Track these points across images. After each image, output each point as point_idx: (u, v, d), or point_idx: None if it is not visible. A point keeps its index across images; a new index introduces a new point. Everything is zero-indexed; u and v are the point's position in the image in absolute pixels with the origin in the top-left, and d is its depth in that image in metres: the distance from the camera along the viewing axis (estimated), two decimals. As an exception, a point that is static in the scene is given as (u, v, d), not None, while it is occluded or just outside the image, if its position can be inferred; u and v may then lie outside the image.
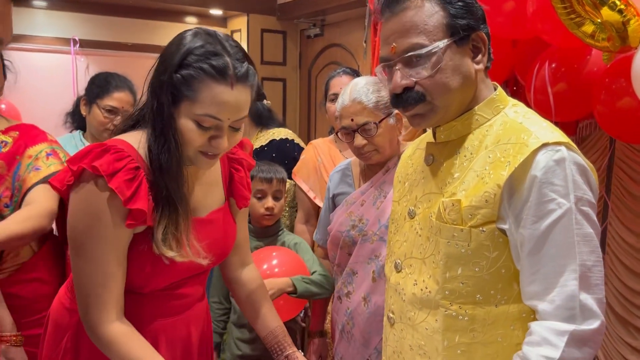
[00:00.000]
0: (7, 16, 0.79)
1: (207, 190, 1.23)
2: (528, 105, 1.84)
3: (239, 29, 4.59)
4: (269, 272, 1.75)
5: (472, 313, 1.04)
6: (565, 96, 1.71)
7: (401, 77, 1.06)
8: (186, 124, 1.07)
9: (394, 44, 1.07)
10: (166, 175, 1.08)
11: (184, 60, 1.05)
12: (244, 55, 1.10)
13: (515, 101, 1.16)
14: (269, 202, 1.90)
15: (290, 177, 2.37)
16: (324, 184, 2.26)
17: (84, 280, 1.08)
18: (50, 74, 4.25)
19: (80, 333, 1.17)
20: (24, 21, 4.15)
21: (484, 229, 1.02)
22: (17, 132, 1.60)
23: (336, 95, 2.24)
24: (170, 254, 1.08)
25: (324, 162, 2.31)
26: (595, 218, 1.00)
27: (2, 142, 1.70)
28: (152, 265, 1.11)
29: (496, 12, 1.82)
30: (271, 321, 1.35)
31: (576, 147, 1.04)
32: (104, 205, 1.04)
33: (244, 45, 4.54)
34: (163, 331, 1.19)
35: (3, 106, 3.82)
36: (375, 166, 1.74)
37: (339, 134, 1.74)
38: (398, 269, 1.18)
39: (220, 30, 1.16)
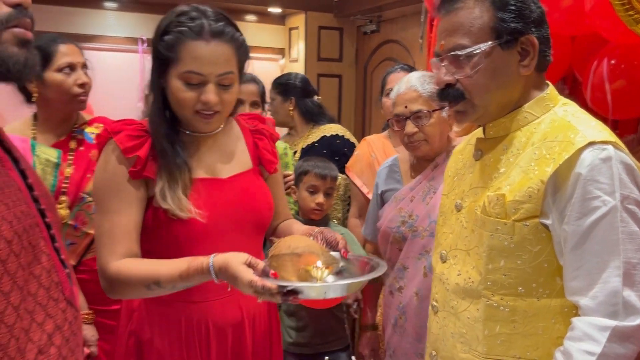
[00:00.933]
0: None
1: (228, 156, 1.33)
2: (585, 102, 1.83)
3: (297, 27, 4.68)
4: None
5: (514, 305, 1.07)
6: (624, 93, 1.68)
7: (445, 74, 1.12)
8: (175, 85, 1.20)
9: (442, 41, 1.13)
10: (159, 138, 1.22)
11: (166, 29, 1.20)
12: (224, 18, 1.23)
13: (566, 100, 1.17)
14: (320, 198, 1.97)
15: (342, 172, 2.43)
16: (378, 179, 2.32)
17: (97, 231, 1.23)
18: (119, 72, 4.49)
19: (145, 313, 1.28)
20: (95, 22, 4.41)
21: (527, 223, 1.05)
22: (102, 124, 1.72)
23: (392, 90, 2.29)
24: (166, 206, 1.19)
25: (377, 157, 2.35)
26: None
27: (91, 133, 1.87)
28: (175, 231, 1.20)
29: (553, 8, 1.80)
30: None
31: (624, 147, 1.05)
32: (114, 162, 1.21)
33: (301, 42, 4.64)
34: (210, 313, 1.26)
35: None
36: (424, 162, 1.77)
37: (390, 121, 1.80)
38: (443, 259, 1.22)
39: (278, 28, 1.27)
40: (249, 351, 1.31)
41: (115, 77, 4.49)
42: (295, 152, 2.56)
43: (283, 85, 2.64)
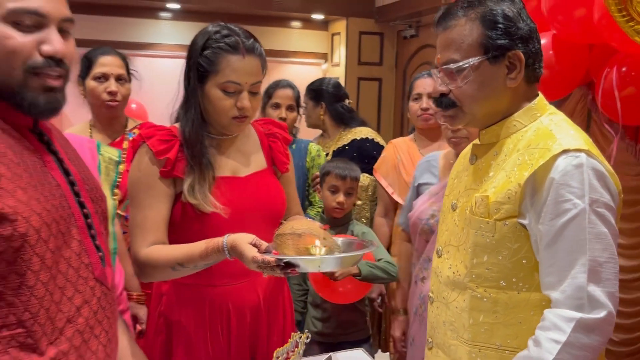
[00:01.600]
0: None
1: (245, 157, 1.50)
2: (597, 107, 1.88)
3: (339, 32, 4.83)
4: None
5: (496, 297, 1.17)
6: (634, 100, 1.72)
7: (440, 84, 1.25)
8: (215, 94, 1.37)
9: (439, 55, 1.25)
10: (189, 142, 1.39)
11: (205, 44, 1.37)
12: (250, 35, 1.42)
13: (554, 110, 1.26)
14: (341, 197, 2.10)
15: (370, 174, 2.56)
16: (402, 181, 2.43)
17: (131, 223, 1.40)
18: (173, 78, 4.75)
19: (174, 296, 1.45)
20: (151, 31, 4.71)
21: (507, 223, 1.15)
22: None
23: (419, 95, 2.39)
24: (193, 201, 1.36)
25: (402, 160, 2.46)
26: (612, 220, 1.09)
27: None
28: (200, 223, 1.37)
29: (569, 19, 1.87)
30: None
31: (598, 155, 1.13)
32: (146, 163, 1.38)
33: (343, 47, 4.78)
34: (231, 297, 1.43)
35: (134, 106, 4.40)
36: None
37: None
38: (439, 254, 1.33)
39: (321, 33, 1.46)
40: (265, 332, 1.47)
41: (169, 82, 4.75)
42: (327, 154, 2.70)
43: (315, 90, 2.79)
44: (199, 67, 1.38)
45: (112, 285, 1.08)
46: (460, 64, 1.18)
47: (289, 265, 1.20)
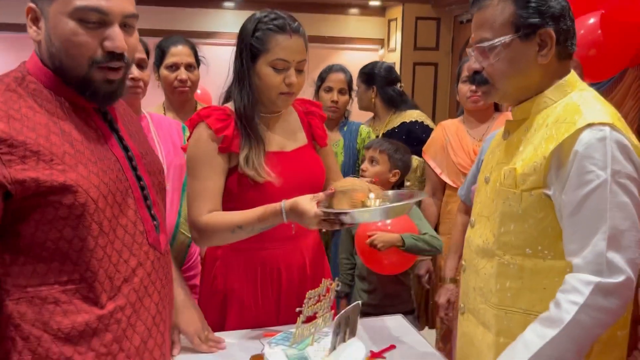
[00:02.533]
0: None
1: (290, 133, 1.64)
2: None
3: (395, 18, 4.87)
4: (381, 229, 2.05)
5: (522, 263, 1.24)
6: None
7: (474, 62, 1.31)
8: (266, 71, 1.51)
9: (473, 34, 1.32)
10: (245, 117, 1.53)
11: (255, 27, 1.51)
12: (295, 19, 1.55)
13: (584, 86, 1.30)
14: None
15: (420, 156, 2.63)
16: (450, 161, 2.49)
17: (190, 193, 1.52)
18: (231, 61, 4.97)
19: (227, 260, 1.60)
20: (215, 20, 4.94)
21: (533, 193, 1.21)
22: None
23: (468, 77, 2.43)
24: (250, 172, 1.50)
25: (451, 141, 2.52)
26: (634, 190, 1.12)
27: None
28: (255, 192, 1.51)
29: (616, -3, 1.86)
30: None
31: (624, 128, 1.17)
32: (205, 139, 1.51)
33: (399, 32, 4.81)
34: (280, 258, 1.59)
35: (199, 91, 4.63)
36: None
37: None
38: (472, 225, 1.41)
39: (378, 19, 1.60)
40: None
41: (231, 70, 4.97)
42: (377, 137, 2.80)
43: (367, 74, 2.88)
44: (252, 47, 1.51)
45: (166, 250, 1.21)
46: (492, 42, 1.24)
47: (345, 219, 1.34)
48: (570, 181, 1.15)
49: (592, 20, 2.00)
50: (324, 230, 1.42)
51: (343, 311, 1.30)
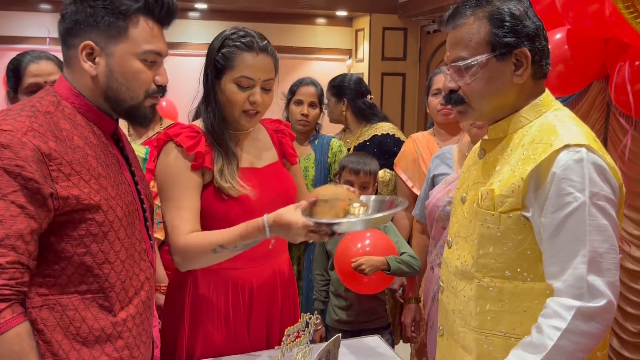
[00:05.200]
0: None
1: (260, 150, 1.63)
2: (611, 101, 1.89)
3: (363, 28, 4.88)
4: (361, 251, 2.03)
5: (501, 286, 1.22)
6: (648, 94, 1.74)
7: (449, 81, 1.29)
8: (230, 88, 1.49)
9: (448, 53, 1.30)
10: (213, 134, 1.51)
11: (222, 43, 1.50)
12: (264, 38, 1.54)
13: (559, 105, 1.30)
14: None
15: (392, 169, 2.62)
16: (422, 174, 2.48)
17: (166, 217, 1.46)
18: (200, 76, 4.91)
19: (196, 282, 1.55)
20: (180, 30, 4.86)
21: (511, 215, 1.20)
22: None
23: (438, 90, 2.43)
24: (225, 184, 1.47)
25: (422, 154, 2.52)
26: (612, 212, 1.13)
27: None
28: (229, 207, 1.48)
29: (582, 15, 1.89)
30: None
31: (599, 149, 1.17)
32: (175, 158, 1.47)
33: (366, 43, 4.83)
34: (252, 276, 1.56)
35: (164, 103, 4.55)
36: None
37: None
38: (449, 245, 1.40)
39: (345, 30, 1.59)
40: (279, 306, 1.62)
41: (197, 80, 4.90)
42: (349, 150, 2.78)
43: (337, 87, 2.86)
44: (217, 63, 1.50)
45: (155, 268, 1.34)
46: (469, 61, 1.23)
47: (335, 229, 1.32)
48: (548, 203, 1.15)
49: (558, 35, 2.03)
50: (298, 242, 1.38)
51: (324, 345, 1.26)
